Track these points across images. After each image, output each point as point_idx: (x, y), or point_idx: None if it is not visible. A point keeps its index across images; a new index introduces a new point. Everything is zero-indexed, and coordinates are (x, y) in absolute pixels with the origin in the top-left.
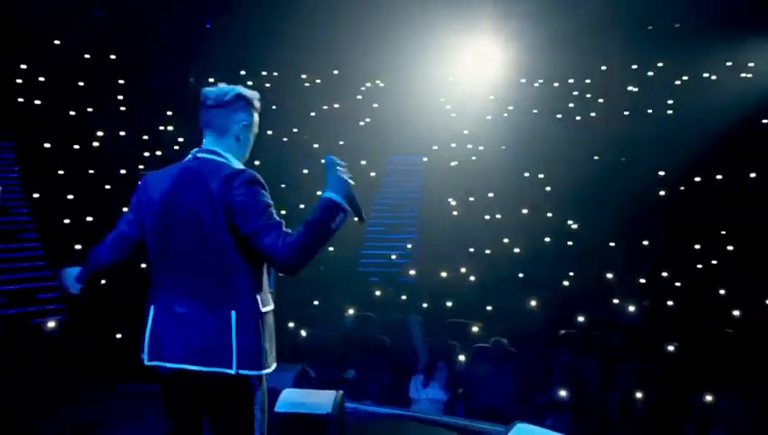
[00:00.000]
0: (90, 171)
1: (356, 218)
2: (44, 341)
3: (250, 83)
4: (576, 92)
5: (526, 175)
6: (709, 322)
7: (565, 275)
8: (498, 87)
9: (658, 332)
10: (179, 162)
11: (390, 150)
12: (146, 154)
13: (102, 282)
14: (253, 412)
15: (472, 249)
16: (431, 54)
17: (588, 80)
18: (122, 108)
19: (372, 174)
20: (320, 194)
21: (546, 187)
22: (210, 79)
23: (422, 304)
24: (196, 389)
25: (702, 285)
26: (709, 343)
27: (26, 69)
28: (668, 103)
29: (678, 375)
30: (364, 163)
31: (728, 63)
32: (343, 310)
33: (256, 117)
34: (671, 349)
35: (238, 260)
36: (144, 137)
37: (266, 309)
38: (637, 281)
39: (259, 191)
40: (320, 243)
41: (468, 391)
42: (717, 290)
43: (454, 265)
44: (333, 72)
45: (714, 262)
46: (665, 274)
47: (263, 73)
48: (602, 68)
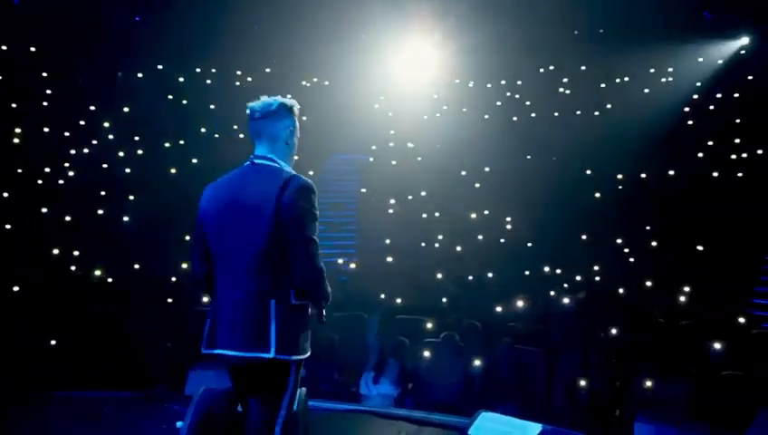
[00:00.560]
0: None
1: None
2: None
3: (182, 80)
4: (508, 93)
5: (463, 174)
6: (642, 312)
7: (503, 270)
8: (433, 87)
9: (595, 322)
10: (239, 168)
11: (330, 149)
12: (72, 151)
13: None
14: (285, 392)
15: (413, 247)
16: (368, 53)
17: (519, 81)
18: (45, 103)
19: (311, 172)
20: None
21: (481, 185)
22: (139, 75)
23: (367, 301)
24: (242, 369)
25: (631, 277)
26: (644, 332)
27: None
28: (595, 105)
29: (617, 362)
30: (303, 161)
31: (651, 70)
32: None
33: (297, 122)
34: (607, 337)
35: (280, 258)
36: (66, 133)
37: (299, 302)
38: (571, 274)
39: (310, 201)
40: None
41: (418, 386)
42: (645, 282)
43: (394, 262)
44: (270, 69)
45: (639, 255)
46: (596, 267)
47: (197, 70)
48: (533, 70)
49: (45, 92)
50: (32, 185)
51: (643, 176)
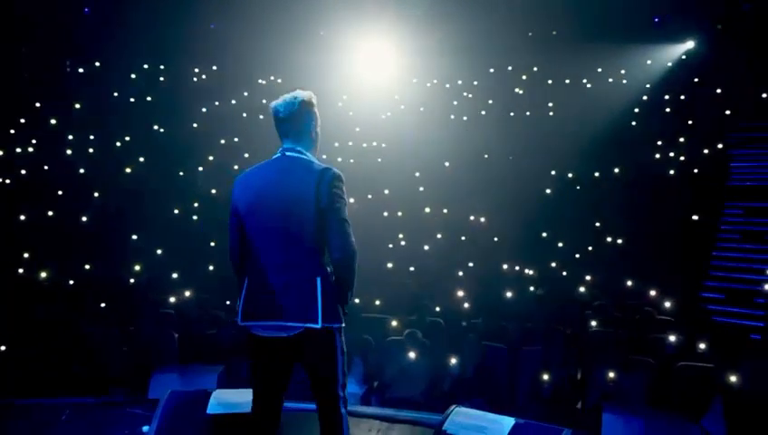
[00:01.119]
0: None
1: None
2: None
3: (133, 76)
4: (465, 93)
5: (417, 175)
6: (598, 306)
7: (463, 268)
8: (392, 87)
9: (554, 317)
10: (271, 160)
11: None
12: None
13: None
14: (336, 355)
15: (375, 246)
16: (326, 52)
17: (476, 81)
18: None
19: None
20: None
21: (440, 184)
22: (81, 70)
23: None
24: (288, 341)
25: (587, 273)
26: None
27: None
28: (549, 105)
29: (577, 356)
30: (257, 159)
31: (599, 70)
32: None
33: (317, 112)
34: (568, 332)
35: (320, 239)
36: (11, 131)
37: (336, 279)
38: (530, 270)
39: (342, 190)
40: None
41: (383, 384)
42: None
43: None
44: (227, 67)
45: (594, 251)
46: (553, 264)
47: (144, 66)
48: (489, 71)
49: None
50: None
51: (596, 174)
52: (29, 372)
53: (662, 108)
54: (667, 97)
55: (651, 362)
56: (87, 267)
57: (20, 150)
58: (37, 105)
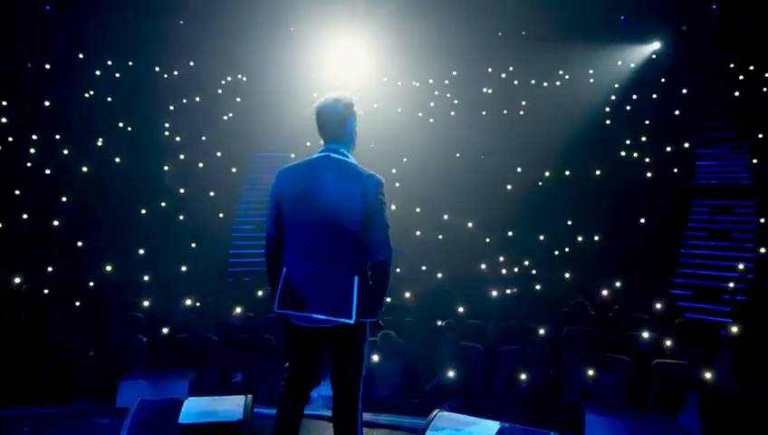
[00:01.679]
0: None
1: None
2: None
3: (98, 73)
4: (436, 92)
5: (393, 172)
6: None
7: (440, 267)
8: (362, 85)
9: (531, 317)
10: (314, 158)
11: (257, 147)
12: None
13: None
14: (363, 348)
15: None
16: (295, 51)
17: (446, 81)
18: None
19: (234, 170)
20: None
21: (413, 183)
22: (47, 66)
23: None
24: (322, 331)
25: (561, 271)
26: (578, 324)
27: None
28: (520, 105)
29: (553, 355)
30: (228, 159)
31: (568, 70)
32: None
33: (356, 113)
34: (542, 332)
35: (361, 241)
36: None
37: (372, 278)
38: (504, 269)
39: (385, 195)
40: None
41: None
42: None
43: None
44: (191, 64)
45: (566, 249)
46: (527, 262)
47: (108, 63)
48: (458, 71)
49: None
50: None
51: (567, 173)
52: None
53: (630, 107)
54: (635, 97)
55: (627, 360)
56: (50, 270)
57: None
58: (4, 104)
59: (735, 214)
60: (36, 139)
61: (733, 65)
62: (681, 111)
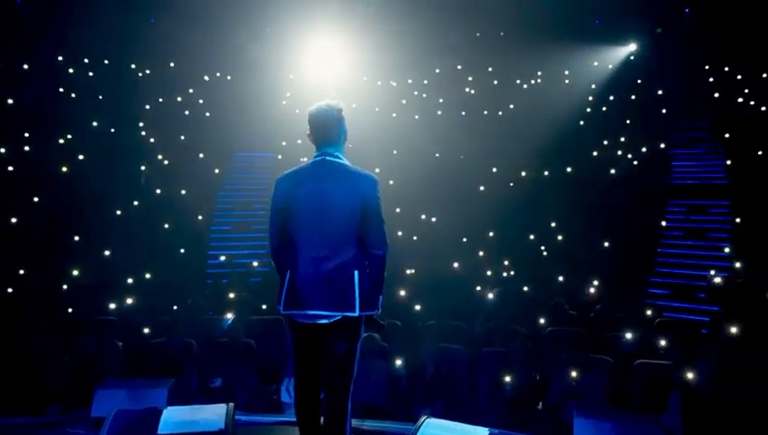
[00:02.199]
0: None
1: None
2: None
3: (71, 71)
4: (416, 92)
5: (377, 170)
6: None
7: (418, 268)
8: (341, 85)
9: (513, 318)
10: (312, 163)
11: (235, 147)
12: None
13: None
14: (357, 344)
15: None
16: (273, 48)
17: (426, 81)
18: None
19: (216, 171)
20: None
21: (394, 183)
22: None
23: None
24: (324, 327)
25: (541, 272)
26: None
27: None
28: (499, 105)
29: (536, 356)
30: (206, 160)
31: (546, 70)
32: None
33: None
34: (526, 332)
35: (359, 238)
36: None
37: (371, 272)
38: (484, 270)
39: (380, 193)
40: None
41: None
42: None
43: None
44: (169, 64)
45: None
46: (506, 262)
47: (85, 61)
48: (438, 71)
49: None
50: None
51: (546, 173)
52: None
53: (607, 108)
54: (612, 97)
55: (610, 361)
56: (22, 273)
57: None
58: None
59: (711, 214)
60: (5, 137)
61: (708, 67)
62: (657, 112)
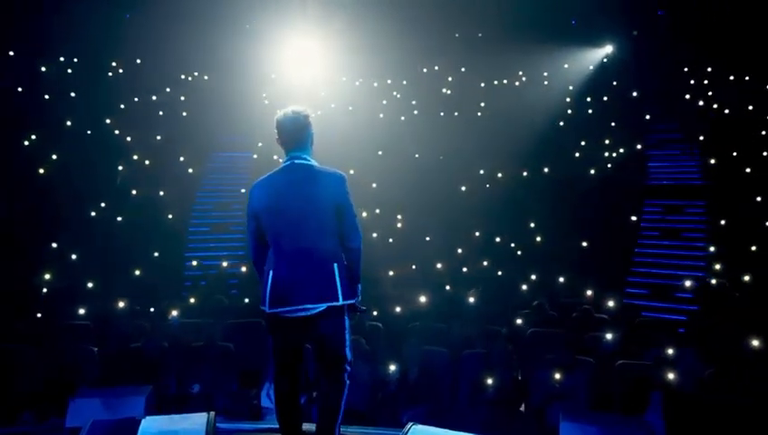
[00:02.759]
0: None
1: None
2: None
3: (44, 69)
4: (395, 93)
5: (351, 172)
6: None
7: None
8: (320, 85)
9: (494, 319)
10: (283, 167)
11: (212, 146)
12: None
13: None
14: (345, 330)
15: None
16: (252, 47)
17: (405, 81)
18: None
19: (190, 170)
20: None
21: (372, 184)
22: None
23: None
24: (308, 320)
25: (519, 273)
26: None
27: None
28: (477, 106)
29: (518, 357)
30: (183, 159)
31: (524, 71)
32: (167, 314)
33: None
34: (507, 333)
35: (335, 232)
36: None
37: (349, 263)
38: (463, 270)
39: (349, 189)
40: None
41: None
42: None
43: None
44: (144, 61)
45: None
46: (485, 262)
47: (60, 59)
48: (416, 71)
49: None
50: None
51: (525, 174)
52: None
53: (585, 109)
54: (589, 99)
55: (592, 362)
56: None
57: None
58: None
59: (686, 214)
60: None
61: (687, 69)
62: (633, 114)
